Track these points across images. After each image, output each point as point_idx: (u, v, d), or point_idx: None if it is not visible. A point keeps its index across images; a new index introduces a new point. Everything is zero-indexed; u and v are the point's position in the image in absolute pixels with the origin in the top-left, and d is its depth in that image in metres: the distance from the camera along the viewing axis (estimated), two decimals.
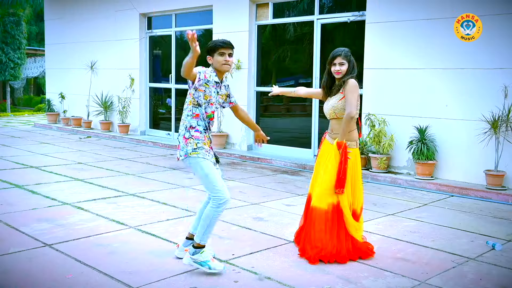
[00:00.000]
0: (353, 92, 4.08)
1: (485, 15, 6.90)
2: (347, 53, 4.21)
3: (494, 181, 6.67)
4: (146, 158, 9.40)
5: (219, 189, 3.72)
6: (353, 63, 4.24)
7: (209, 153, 3.81)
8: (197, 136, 3.79)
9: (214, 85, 3.81)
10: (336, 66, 4.18)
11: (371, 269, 3.94)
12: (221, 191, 3.71)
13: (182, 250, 4.04)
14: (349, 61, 4.20)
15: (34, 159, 8.88)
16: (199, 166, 3.74)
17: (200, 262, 3.73)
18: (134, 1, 12.33)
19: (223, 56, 3.76)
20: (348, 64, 4.19)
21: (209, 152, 3.82)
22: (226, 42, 3.78)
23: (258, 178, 7.74)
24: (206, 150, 3.80)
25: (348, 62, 4.19)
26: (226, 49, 3.77)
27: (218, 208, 3.72)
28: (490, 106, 6.86)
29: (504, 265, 4.10)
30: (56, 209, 5.54)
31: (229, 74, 10.14)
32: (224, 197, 3.72)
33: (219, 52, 3.77)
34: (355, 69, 4.25)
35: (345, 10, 8.75)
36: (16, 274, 3.70)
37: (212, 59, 3.80)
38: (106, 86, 13.22)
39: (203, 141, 3.80)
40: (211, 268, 3.70)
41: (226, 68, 3.78)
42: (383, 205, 6.11)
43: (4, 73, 20.24)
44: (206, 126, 3.85)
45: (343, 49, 4.24)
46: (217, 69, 3.82)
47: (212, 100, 3.82)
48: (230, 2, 10.24)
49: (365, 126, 8.00)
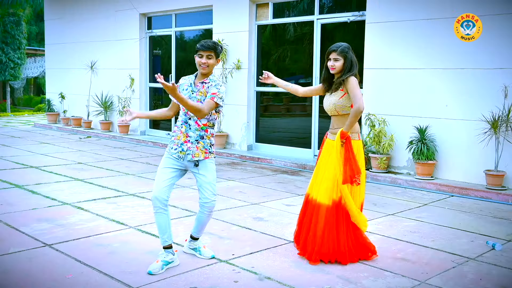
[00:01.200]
0: (356, 88, 4.04)
1: (485, 15, 6.90)
2: (343, 49, 4.13)
3: (494, 181, 6.67)
4: (146, 158, 9.40)
5: (153, 187, 3.85)
6: (350, 60, 4.14)
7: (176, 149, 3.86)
8: (174, 130, 3.93)
9: (187, 85, 3.89)
10: (331, 61, 4.15)
11: (371, 269, 3.93)
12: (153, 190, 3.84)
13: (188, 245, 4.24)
14: (345, 57, 4.12)
15: (34, 159, 8.88)
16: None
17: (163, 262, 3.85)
18: (134, 1, 12.33)
19: (201, 58, 3.80)
20: (344, 60, 4.12)
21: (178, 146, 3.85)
22: (204, 45, 3.79)
23: (258, 178, 7.74)
24: (175, 144, 3.86)
25: (344, 58, 4.11)
26: (204, 51, 3.78)
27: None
28: (490, 106, 6.86)
29: (504, 265, 4.10)
30: (56, 209, 5.54)
31: (229, 74, 10.15)
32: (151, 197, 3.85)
33: (198, 54, 3.81)
34: (354, 66, 4.16)
35: (345, 10, 8.75)
36: (16, 274, 3.70)
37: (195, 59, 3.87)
38: (106, 86, 13.23)
39: (177, 134, 3.87)
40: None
41: (202, 70, 3.80)
42: (383, 205, 6.11)
43: (4, 73, 20.24)
44: (184, 120, 3.86)
45: (341, 44, 4.17)
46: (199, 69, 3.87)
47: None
48: (230, 2, 10.24)
49: (365, 126, 8.00)
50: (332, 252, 4.03)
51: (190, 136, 3.84)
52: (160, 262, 3.79)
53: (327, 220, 4.06)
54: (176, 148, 3.86)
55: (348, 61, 4.14)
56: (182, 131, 3.86)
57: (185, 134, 3.85)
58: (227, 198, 6.29)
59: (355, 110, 4.01)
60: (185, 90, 3.88)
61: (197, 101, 3.81)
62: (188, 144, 3.84)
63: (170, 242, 3.88)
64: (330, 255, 4.03)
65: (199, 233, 4.13)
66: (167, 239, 3.86)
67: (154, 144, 11.23)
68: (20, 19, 20.65)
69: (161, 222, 3.83)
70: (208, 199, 3.90)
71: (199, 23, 11.36)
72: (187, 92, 3.85)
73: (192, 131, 3.84)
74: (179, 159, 3.86)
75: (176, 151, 3.86)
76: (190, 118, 3.85)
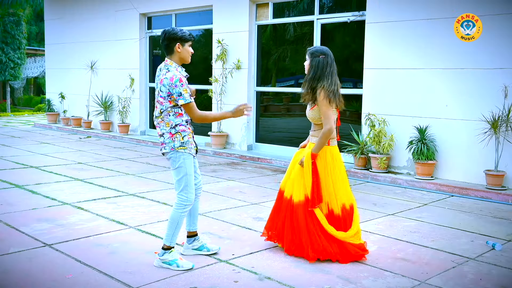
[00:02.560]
0: (325, 105, 3.96)
1: (485, 15, 6.90)
2: (313, 53, 4.08)
3: (494, 181, 6.67)
4: (146, 158, 9.40)
5: (191, 191, 3.85)
6: (316, 66, 4.01)
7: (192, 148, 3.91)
8: (183, 129, 3.85)
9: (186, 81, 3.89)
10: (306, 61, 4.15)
11: (371, 269, 3.93)
12: (191, 193, 3.86)
13: (188, 247, 4.19)
14: (312, 59, 4.05)
15: (34, 159, 8.88)
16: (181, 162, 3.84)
17: (169, 262, 3.83)
18: (134, 1, 12.33)
19: (190, 48, 3.93)
20: (310, 61, 4.06)
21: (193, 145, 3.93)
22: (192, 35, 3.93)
23: (258, 178, 7.74)
24: (191, 142, 3.90)
25: (310, 59, 4.06)
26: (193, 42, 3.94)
27: (184, 209, 3.87)
28: (490, 106, 6.86)
29: (504, 265, 4.10)
30: (56, 209, 5.54)
31: (229, 74, 10.15)
32: (191, 200, 3.86)
33: (190, 43, 3.91)
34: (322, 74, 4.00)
35: (345, 10, 8.75)
36: (16, 274, 3.70)
37: (181, 47, 3.85)
38: (106, 86, 13.23)
39: (188, 133, 3.88)
40: (179, 266, 3.80)
41: (189, 60, 3.94)
42: (383, 205, 6.11)
43: (4, 73, 20.24)
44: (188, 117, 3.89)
45: (314, 47, 4.14)
46: (181, 59, 3.90)
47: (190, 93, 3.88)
48: (230, 2, 10.24)
49: (365, 126, 8.01)
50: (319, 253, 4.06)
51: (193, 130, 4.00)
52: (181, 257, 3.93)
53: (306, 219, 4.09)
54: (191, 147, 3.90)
55: (313, 66, 4.03)
56: (190, 129, 3.92)
57: (192, 131, 3.95)
58: (227, 198, 6.29)
59: (324, 132, 3.97)
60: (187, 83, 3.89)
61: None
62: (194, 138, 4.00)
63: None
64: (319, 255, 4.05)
65: (196, 225, 4.19)
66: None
67: (154, 144, 11.22)
68: (20, 19, 20.65)
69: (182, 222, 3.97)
70: (201, 181, 4.13)
71: (199, 23, 11.36)
72: (186, 86, 3.83)
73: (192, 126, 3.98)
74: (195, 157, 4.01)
75: (193, 151, 3.93)
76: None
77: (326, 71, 4.03)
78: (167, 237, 3.88)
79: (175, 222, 3.86)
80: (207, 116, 4.01)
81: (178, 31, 3.85)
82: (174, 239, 3.88)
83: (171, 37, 3.83)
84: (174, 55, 3.87)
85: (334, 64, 4.11)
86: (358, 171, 7.83)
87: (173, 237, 3.87)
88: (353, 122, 8.69)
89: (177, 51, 3.85)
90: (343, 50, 9.11)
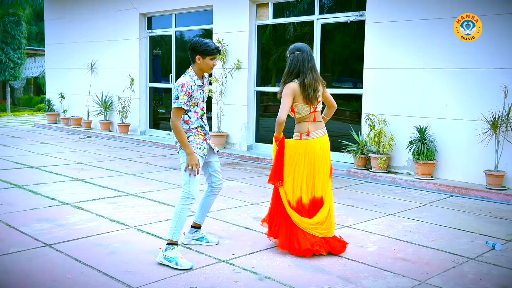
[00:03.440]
0: (283, 97, 4.18)
1: (485, 15, 6.90)
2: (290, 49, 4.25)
3: (494, 181, 6.67)
4: (146, 158, 9.40)
5: (193, 187, 4.00)
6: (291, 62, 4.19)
7: (200, 146, 4.08)
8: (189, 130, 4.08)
9: (198, 90, 4.06)
10: None
11: (371, 269, 3.94)
12: (193, 188, 4.00)
13: (189, 237, 4.42)
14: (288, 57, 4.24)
15: (34, 159, 8.88)
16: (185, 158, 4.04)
17: (169, 258, 3.89)
18: (134, 1, 12.34)
19: (213, 61, 4.05)
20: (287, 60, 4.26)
21: (201, 144, 4.09)
22: (219, 49, 4.09)
23: (258, 178, 7.74)
24: (198, 143, 4.07)
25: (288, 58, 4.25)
26: (216, 56, 4.07)
27: (186, 202, 4.00)
28: (490, 106, 6.86)
29: (504, 265, 4.10)
30: (56, 209, 5.54)
31: (229, 74, 10.15)
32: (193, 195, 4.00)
33: (212, 57, 4.03)
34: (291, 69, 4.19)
35: (345, 10, 8.75)
36: (16, 274, 3.70)
37: (201, 59, 4.01)
38: (106, 86, 13.23)
39: (195, 134, 4.08)
40: (177, 264, 3.85)
41: (210, 71, 4.12)
42: (383, 205, 6.11)
43: (4, 73, 20.24)
44: (199, 124, 4.11)
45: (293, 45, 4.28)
46: (201, 69, 4.06)
47: (200, 101, 4.10)
48: (230, 2, 10.24)
49: (365, 126, 8.01)
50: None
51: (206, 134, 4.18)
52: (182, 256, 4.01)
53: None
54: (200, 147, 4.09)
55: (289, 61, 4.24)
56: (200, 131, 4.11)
57: (203, 133, 4.14)
58: (227, 198, 6.29)
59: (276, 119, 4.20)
60: (199, 95, 4.08)
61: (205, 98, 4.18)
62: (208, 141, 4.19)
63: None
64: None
65: (204, 219, 4.42)
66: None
67: (154, 144, 11.23)
68: (20, 19, 20.65)
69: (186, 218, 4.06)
70: (221, 181, 4.34)
71: (199, 23, 11.36)
72: (200, 96, 4.08)
73: (206, 130, 4.19)
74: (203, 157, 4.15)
75: (201, 150, 4.09)
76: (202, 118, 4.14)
77: (305, 66, 4.19)
78: (170, 231, 3.99)
79: (177, 214, 3.98)
80: (178, 130, 3.97)
81: (203, 44, 4.00)
82: (176, 233, 3.96)
83: (194, 48, 4.01)
84: (194, 65, 4.06)
85: (312, 59, 4.22)
86: (358, 171, 7.83)
87: (175, 231, 3.95)
88: (353, 122, 8.70)
89: (197, 62, 4.03)
90: (343, 50, 9.11)
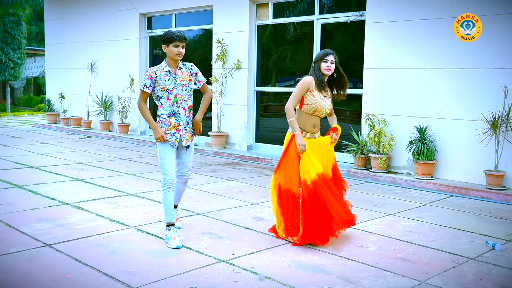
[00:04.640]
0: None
1: (485, 15, 6.90)
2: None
3: (494, 181, 6.67)
4: (146, 158, 9.40)
5: (165, 173, 4.37)
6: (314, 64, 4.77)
7: (171, 136, 4.36)
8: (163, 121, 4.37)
9: (166, 75, 4.32)
10: (328, 63, 4.64)
11: (371, 269, 3.94)
12: (166, 175, 4.37)
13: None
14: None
15: (34, 159, 8.88)
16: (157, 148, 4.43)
17: (167, 237, 4.37)
18: (134, 1, 12.34)
19: (177, 48, 4.29)
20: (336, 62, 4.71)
21: (172, 135, 4.36)
22: (181, 36, 4.29)
23: (258, 178, 7.74)
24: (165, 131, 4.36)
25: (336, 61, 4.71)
26: (180, 42, 4.29)
27: (163, 188, 4.40)
28: (490, 106, 6.86)
29: (504, 265, 4.10)
30: (56, 209, 5.54)
31: (229, 74, 10.15)
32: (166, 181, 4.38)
33: (174, 44, 4.28)
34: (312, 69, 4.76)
35: (345, 10, 8.75)
36: (16, 274, 3.70)
37: (167, 48, 4.32)
38: (106, 86, 13.23)
39: (168, 126, 4.36)
40: (168, 242, 4.32)
41: (178, 58, 4.33)
42: (383, 205, 6.11)
43: (4, 73, 20.25)
44: (172, 111, 4.35)
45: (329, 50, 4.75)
46: (170, 58, 4.34)
47: (170, 87, 4.33)
48: (230, 2, 10.24)
49: (365, 126, 8.01)
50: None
51: (180, 124, 4.40)
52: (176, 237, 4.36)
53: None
54: (170, 137, 4.38)
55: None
56: (173, 122, 4.35)
57: (176, 123, 4.38)
58: (227, 198, 6.29)
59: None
60: (167, 80, 4.34)
61: (182, 86, 4.38)
62: (181, 132, 4.42)
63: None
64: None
65: (178, 201, 4.84)
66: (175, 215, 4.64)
67: (154, 144, 11.22)
68: (20, 19, 20.65)
69: (170, 201, 4.43)
70: (186, 173, 4.65)
71: (199, 23, 11.36)
72: (170, 82, 4.33)
73: (181, 120, 4.40)
74: (174, 146, 4.42)
75: (171, 139, 4.38)
76: (179, 107, 4.38)
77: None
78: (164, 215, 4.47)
79: (162, 201, 4.43)
80: (141, 109, 4.38)
81: (166, 33, 4.31)
82: (167, 216, 4.41)
83: (162, 40, 4.34)
84: (166, 55, 4.36)
85: None
86: (358, 171, 7.83)
87: (166, 215, 4.41)
88: (353, 122, 8.69)
89: (164, 51, 4.35)
90: (343, 50, 9.11)
